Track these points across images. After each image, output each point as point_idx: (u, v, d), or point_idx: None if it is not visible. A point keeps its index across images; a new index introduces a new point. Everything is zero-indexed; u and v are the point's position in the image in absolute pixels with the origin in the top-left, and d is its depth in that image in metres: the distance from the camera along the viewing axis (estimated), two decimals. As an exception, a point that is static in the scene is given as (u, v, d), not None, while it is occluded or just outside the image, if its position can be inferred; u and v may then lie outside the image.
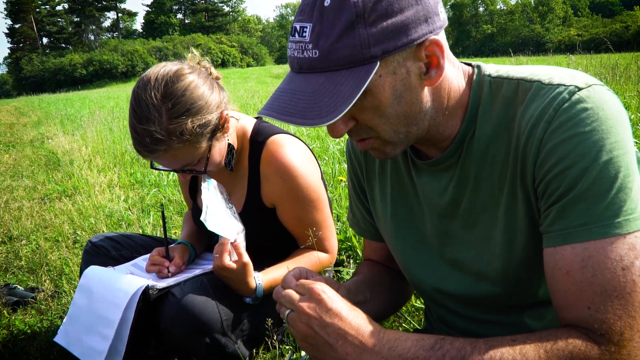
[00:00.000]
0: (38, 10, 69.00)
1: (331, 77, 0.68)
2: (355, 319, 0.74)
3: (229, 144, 1.40)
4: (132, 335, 1.25)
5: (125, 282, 1.30)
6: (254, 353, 1.44)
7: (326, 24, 0.67)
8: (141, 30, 78.67)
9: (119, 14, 75.40)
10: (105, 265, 1.47)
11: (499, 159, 0.78)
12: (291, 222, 1.47)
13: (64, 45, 70.02)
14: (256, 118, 1.55)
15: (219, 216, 1.31)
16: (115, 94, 20.38)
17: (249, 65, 61.92)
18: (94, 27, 70.57)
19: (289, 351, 1.45)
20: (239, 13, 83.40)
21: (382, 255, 1.11)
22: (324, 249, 1.50)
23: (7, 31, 67.04)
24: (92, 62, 55.25)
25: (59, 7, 71.58)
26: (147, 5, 77.02)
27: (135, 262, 1.53)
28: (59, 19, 71.48)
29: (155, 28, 72.46)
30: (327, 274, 1.57)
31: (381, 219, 1.01)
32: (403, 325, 1.54)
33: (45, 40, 70.46)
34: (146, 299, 1.27)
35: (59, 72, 55.22)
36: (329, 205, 1.52)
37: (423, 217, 0.92)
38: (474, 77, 0.80)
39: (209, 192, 1.36)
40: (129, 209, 3.31)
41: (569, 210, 0.68)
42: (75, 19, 70.90)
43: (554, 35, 60.34)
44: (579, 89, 0.69)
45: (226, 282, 1.34)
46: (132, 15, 77.99)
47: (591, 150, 0.66)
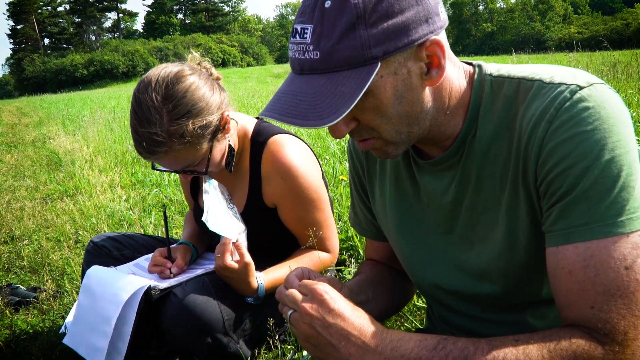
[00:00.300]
0: (40, 11, 69.13)
1: (332, 79, 0.68)
2: (357, 319, 0.74)
3: (229, 146, 1.40)
4: (134, 335, 1.25)
5: (127, 282, 1.30)
6: (256, 353, 1.44)
7: (327, 25, 0.67)
8: (142, 31, 78.77)
9: (120, 15, 75.44)
10: (107, 265, 1.47)
11: (501, 158, 0.78)
12: (292, 222, 1.47)
13: (65, 45, 70.15)
14: (257, 118, 1.55)
15: (220, 216, 1.31)
16: (116, 94, 20.41)
17: (249, 65, 61.95)
18: (95, 27, 70.60)
19: (290, 351, 1.45)
20: (239, 13, 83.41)
21: (384, 255, 1.11)
22: (325, 249, 1.50)
23: (9, 32, 67.22)
24: (93, 63, 55.33)
25: (61, 8, 71.75)
26: (148, 6, 77.11)
27: (137, 262, 1.54)
28: (61, 20, 71.62)
29: (155, 28, 72.51)
30: (329, 274, 1.57)
31: (383, 218, 1.01)
32: (405, 324, 1.54)
33: (46, 41, 70.62)
34: (148, 299, 1.28)
35: (60, 73, 55.30)
36: (330, 204, 1.52)
37: (425, 216, 0.92)
38: (475, 76, 0.80)
39: (210, 192, 1.36)
40: (131, 208, 3.31)
41: (571, 210, 0.67)
42: (77, 20, 70.98)
43: (555, 33, 60.25)
44: (581, 88, 0.69)
45: (228, 282, 1.34)
46: (132, 15, 78.06)
47: (593, 149, 0.66)
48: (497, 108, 0.78)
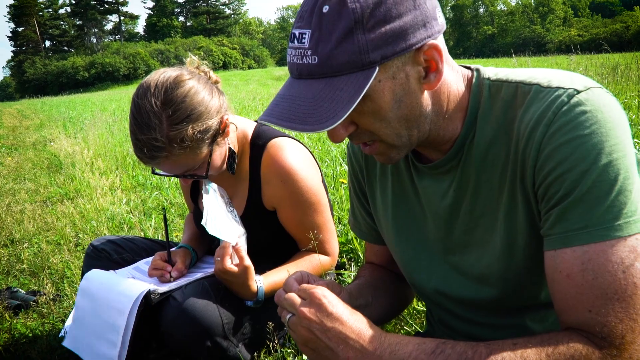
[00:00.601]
0: (41, 13, 69.35)
1: (330, 83, 0.68)
2: (356, 323, 0.74)
3: (230, 148, 1.40)
4: (134, 338, 1.25)
5: (127, 286, 1.30)
6: (256, 356, 1.44)
7: (325, 30, 0.67)
8: (143, 33, 78.98)
9: (121, 17, 75.63)
10: (106, 268, 1.47)
11: (499, 162, 0.78)
12: (292, 225, 1.47)
13: (66, 48, 70.36)
14: (256, 121, 1.55)
15: (220, 220, 1.31)
16: (117, 97, 20.45)
17: (250, 67, 62.07)
18: (96, 30, 70.78)
19: (290, 355, 1.45)
20: (240, 15, 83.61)
21: (384, 259, 1.11)
22: (324, 252, 1.50)
23: (10, 34, 67.34)
24: (94, 65, 55.48)
25: (62, 11, 72.04)
26: (149, 8, 77.34)
27: (137, 265, 1.54)
28: (62, 22, 71.83)
29: (157, 31, 72.73)
30: (328, 277, 1.57)
31: (382, 222, 1.01)
32: (404, 328, 1.54)
33: (47, 44, 70.81)
34: (148, 303, 1.27)
35: (61, 75, 55.46)
36: (330, 207, 1.52)
37: (424, 220, 0.92)
38: (473, 80, 0.80)
39: (210, 196, 1.36)
40: (131, 211, 3.31)
41: (568, 213, 0.68)
42: (78, 22, 71.17)
43: (555, 35, 60.33)
44: (578, 92, 0.69)
45: (227, 285, 1.34)
46: (134, 18, 78.23)
47: (590, 153, 0.66)
48: (496, 112, 0.78)
